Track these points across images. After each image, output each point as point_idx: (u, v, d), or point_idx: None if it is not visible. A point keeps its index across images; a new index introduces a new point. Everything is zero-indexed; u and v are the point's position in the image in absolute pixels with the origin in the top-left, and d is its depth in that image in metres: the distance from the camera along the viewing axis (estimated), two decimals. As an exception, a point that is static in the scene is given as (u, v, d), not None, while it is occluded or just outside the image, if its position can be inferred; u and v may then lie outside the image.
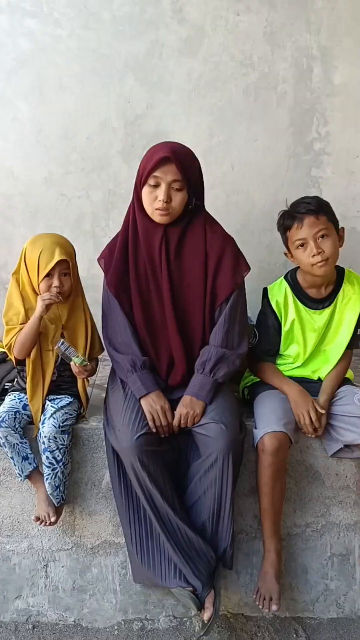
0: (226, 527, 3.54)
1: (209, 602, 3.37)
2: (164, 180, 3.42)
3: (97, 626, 3.82)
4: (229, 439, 3.38)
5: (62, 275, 3.64)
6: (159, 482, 3.42)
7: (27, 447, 3.66)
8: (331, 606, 3.92)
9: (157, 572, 3.52)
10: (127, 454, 3.37)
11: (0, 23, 4.92)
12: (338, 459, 3.84)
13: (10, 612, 3.87)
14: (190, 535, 3.46)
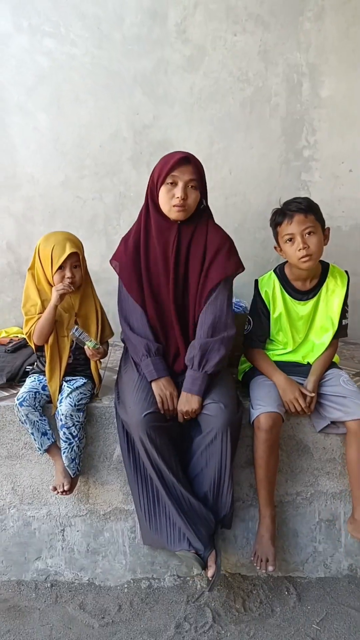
0: (226, 495, 3.54)
1: (212, 561, 3.37)
2: (181, 179, 3.43)
3: (108, 584, 3.81)
4: (227, 417, 3.39)
5: (73, 267, 3.64)
6: (165, 455, 3.41)
7: (46, 423, 3.66)
8: (319, 566, 3.90)
9: (163, 536, 3.53)
10: (136, 429, 3.36)
11: (22, 43, 4.88)
12: (325, 434, 3.82)
13: (30, 572, 3.86)
14: (193, 502, 3.46)
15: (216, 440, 3.42)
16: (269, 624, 3.43)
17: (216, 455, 3.45)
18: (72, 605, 3.61)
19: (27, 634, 3.36)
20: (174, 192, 3.44)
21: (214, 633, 3.35)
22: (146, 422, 3.34)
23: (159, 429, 3.40)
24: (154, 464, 3.43)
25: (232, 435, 3.43)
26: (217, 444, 3.42)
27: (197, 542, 3.39)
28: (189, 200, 3.47)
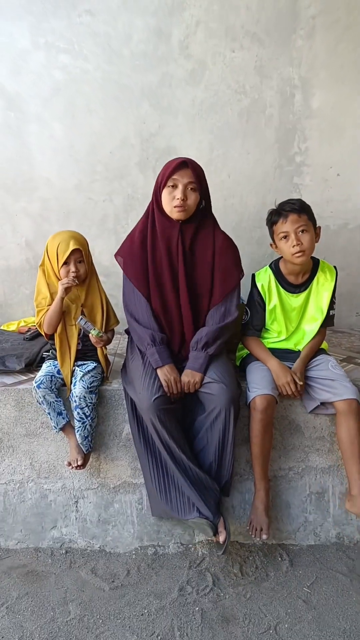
0: (228, 466, 3.59)
1: (222, 527, 3.43)
2: (181, 182, 3.46)
3: (118, 551, 3.79)
4: (229, 395, 3.42)
5: (78, 262, 3.69)
6: (174, 434, 3.45)
7: (61, 404, 3.67)
8: (309, 535, 3.88)
9: (174, 507, 3.57)
10: (147, 412, 3.39)
11: (39, 58, 4.86)
12: (315, 415, 3.83)
13: (47, 540, 3.85)
14: (200, 474, 3.50)
15: (220, 417, 3.45)
16: (264, 587, 3.43)
17: (220, 429, 3.49)
18: (85, 570, 3.60)
19: (43, 596, 3.35)
20: (175, 194, 3.48)
21: (214, 595, 3.35)
22: (156, 406, 3.37)
23: (168, 411, 3.43)
24: (164, 442, 3.46)
25: (234, 412, 3.46)
26: (221, 419, 3.46)
27: (207, 510, 3.44)
28: (189, 201, 3.49)
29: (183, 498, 3.55)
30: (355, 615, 3.20)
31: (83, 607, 3.27)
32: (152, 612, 3.23)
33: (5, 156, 4.98)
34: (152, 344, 3.58)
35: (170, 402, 3.49)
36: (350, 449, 3.53)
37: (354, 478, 3.53)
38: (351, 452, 3.53)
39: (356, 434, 3.51)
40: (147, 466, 3.62)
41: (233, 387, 3.49)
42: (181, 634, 3.07)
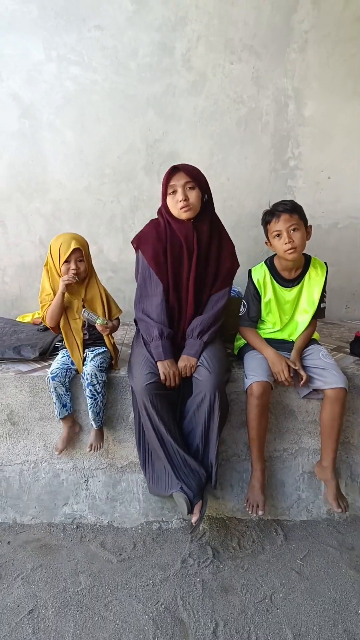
0: (213, 449, 3.59)
1: (197, 509, 3.45)
2: (178, 185, 3.50)
3: (125, 526, 3.81)
4: (215, 382, 3.45)
5: (78, 261, 3.70)
6: (164, 418, 3.48)
7: (69, 398, 3.74)
8: (302, 511, 3.90)
9: (161, 485, 3.62)
10: (140, 395, 3.44)
11: (52, 70, 4.85)
12: (307, 400, 3.83)
13: (59, 516, 3.87)
14: (187, 458, 3.52)
15: (205, 401, 3.48)
16: (260, 560, 3.45)
17: (205, 412, 3.51)
18: (95, 544, 3.63)
19: (56, 568, 3.38)
20: (177, 197, 3.52)
21: (214, 567, 3.38)
22: (149, 390, 3.41)
23: (160, 396, 3.47)
24: (154, 425, 3.48)
25: (220, 397, 3.48)
26: (206, 403, 3.48)
27: (188, 489, 3.46)
28: (191, 200, 3.53)
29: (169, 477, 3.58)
30: (345, 585, 3.23)
31: (93, 578, 3.30)
32: (157, 582, 3.26)
33: (21, 161, 4.98)
34: (158, 337, 3.60)
35: (164, 388, 3.53)
36: (328, 430, 3.62)
37: (326, 452, 3.66)
38: (329, 433, 3.62)
39: (337, 417, 3.58)
40: (140, 448, 3.69)
41: (219, 373, 3.53)
42: (183, 602, 3.10)
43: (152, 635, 2.90)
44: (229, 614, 3.03)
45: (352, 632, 2.91)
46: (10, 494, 3.91)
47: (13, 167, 5.07)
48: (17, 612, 3.06)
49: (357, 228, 5.15)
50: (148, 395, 3.41)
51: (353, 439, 3.91)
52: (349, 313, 5.46)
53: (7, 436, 3.89)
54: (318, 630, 2.93)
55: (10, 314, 5.38)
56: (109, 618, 3.00)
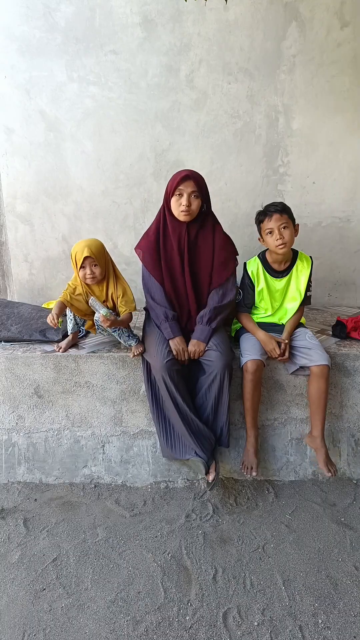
0: (222, 417, 3.64)
1: (212, 469, 3.50)
2: (185, 192, 3.47)
3: (137, 485, 3.80)
4: (224, 362, 3.48)
5: (93, 266, 3.65)
6: (180, 390, 3.50)
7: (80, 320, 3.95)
8: (291, 472, 3.87)
9: (177, 450, 3.65)
10: (160, 371, 3.44)
11: (73, 89, 4.80)
12: (295, 376, 3.84)
13: (79, 476, 3.85)
14: (200, 425, 3.55)
15: (216, 379, 3.50)
16: (254, 515, 3.45)
17: (216, 389, 3.54)
18: (110, 501, 3.62)
19: (76, 522, 3.39)
20: (181, 201, 3.49)
21: (214, 521, 3.38)
22: (168, 366, 3.43)
23: (176, 372, 3.48)
24: (172, 396, 3.49)
25: (228, 375, 3.52)
26: (217, 381, 3.51)
27: (202, 453, 3.50)
28: (192, 207, 3.51)
29: (184, 443, 3.61)
30: (328, 537, 3.24)
31: (108, 530, 3.31)
32: (164, 534, 3.26)
33: (46, 168, 4.93)
34: (165, 320, 3.61)
35: (179, 364, 3.53)
36: (316, 402, 3.64)
37: (315, 424, 3.68)
38: (317, 405, 3.64)
39: (323, 392, 3.62)
40: (156, 418, 3.70)
41: (228, 354, 3.53)
42: (187, 552, 3.11)
43: (160, 580, 2.90)
44: (227, 561, 3.03)
45: (334, 577, 2.92)
46: (37, 458, 3.89)
47: (40, 173, 5.03)
48: (42, 560, 3.06)
49: (338, 226, 5.11)
50: (167, 370, 3.43)
51: (335, 409, 3.89)
52: (331, 300, 5.42)
53: (34, 407, 3.87)
54: (304, 576, 2.93)
55: (37, 301, 5.35)
56: (122, 565, 3.01)
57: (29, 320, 4.29)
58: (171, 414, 3.60)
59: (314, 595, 2.82)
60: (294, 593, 2.82)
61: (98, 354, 3.83)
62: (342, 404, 3.90)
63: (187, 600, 2.78)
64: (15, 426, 3.92)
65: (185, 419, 3.54)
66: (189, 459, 3.60)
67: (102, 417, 3.88)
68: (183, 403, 3.51)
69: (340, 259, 5.31)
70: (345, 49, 4.76)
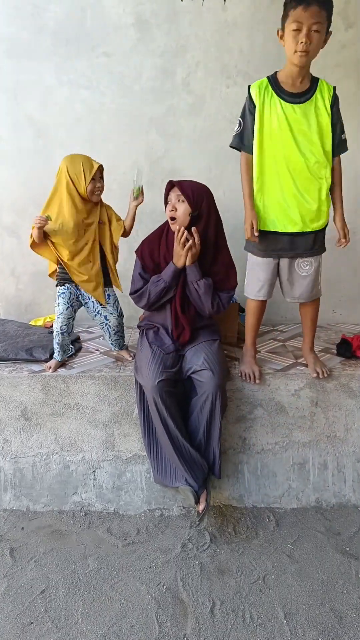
0: (215, 443, 3.63)
1: (203, 498, 3.49)
2: (172, 198, 3.57)
3: (129, 513, 3.82)
4: (216, 382, 3.50)
5: (100, 179, 3.78)
6: (172, 413, 3.50)
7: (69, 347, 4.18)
8: (293, 499, 3.91)
9: (167, 477, 3.67)
10: (151, 392, 3.44)
11: (63, 93, 4.89)
12: (297, 397, 3.87)
13: (69, 504, 3.88)
14: (192, 451, 3.54)
15: (208, 400, 3.51)
16: (254, 544, 3.47)
17: (208, 411, 3.54)
18: (101, 530, 3.64)
19: (66, 552, 3.41)
20: (168, 208, 3.60)
21: (211, 551, 3.40)
22: (160, 387, 3.42)
23: (169, 393, 3.48)
24: (163, 419, 3.50)
25: (220, 396, 3.53)
26: (209, 403, 3.52)
27: (193, 481, 3.49)
28: (179, 212, 3.54)
29: (175, 470, 3.61)
30: (332, 567, 3.26)
31: (100, 561, 3.33)
32: (159, 565, 3.28)
33: (35, 176, 4.98)
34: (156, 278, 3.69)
35: (172, 385, 3.54)
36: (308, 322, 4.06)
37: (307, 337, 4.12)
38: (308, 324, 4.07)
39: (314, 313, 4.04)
40: (147, 443, 3.70)
41: (221, 375, 3.55)
42: (183, 583, 3.12)
43: (154, 614, 2.92)
44: (225, 594, 3.05)
45: (338, 611, 2.93)
46: (24, 484, 3.92)
47: (28, 182, 5.10)
48: (30, 592, 3.08)
49: (343, 238, 5.16)
50: (158, 392, 3.42)
51: (339, 432, 3.93)
52: (335, 317, 5.46)
53: (21, 430, 3.91)
54: (307, 609, 2.95)
55: (24, 318, 5.37)
56: (114, 598, 3.03)
57: (15, 338, 4.34)
58: (161, 438, 3.60)
59: (317, 629, 2.84)
60: (296, 627, 2.85)
61: (89, 374, 3.88)
62: (347, 427, 3.94)
63: (183, 634, 2.80)
64: (0, 450, 3.94)
65: (176, 444, 3.54)
66: (179, 487, 3.59)
67: (93, 441, 3.91)
68: (174, 427, 3.52)
69: (345, 273, 5.33)
70: (349, 51, 4.83)
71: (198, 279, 3.59)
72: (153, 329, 3.91)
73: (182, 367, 3.68)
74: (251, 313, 3.98)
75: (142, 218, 4.76)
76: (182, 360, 3.72)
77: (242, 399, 3.89)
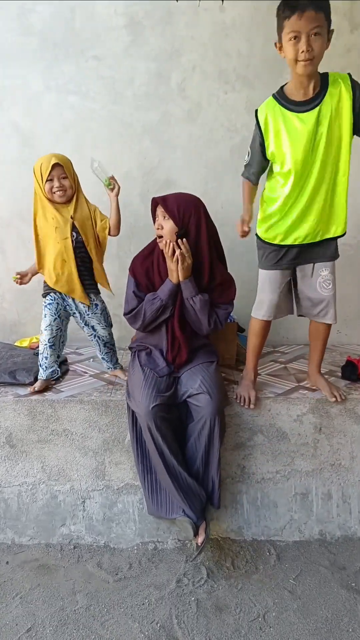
0: (214, 471, 3.63)
1: (202, 530, 3.49)
2: (159, 215, 3.62)
3: (121, 547, 3.83)
4: (214, 407, 3.50)
5: (61, 179, 3.81)
6: (167, 440, 3.49)
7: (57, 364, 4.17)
8: (295, 532, 3.92)
9: (163, 509, 3.65)
10: (144, 418, 3.43)
11: (51, 99, 4.93)
12: (300, 423, 3.88)
13: (57, 536, 3.89)
14: (189, 480, 3.54)
15: (205, 426, 3.51)
16: (254, 579, 3.48)
17: (206, 437, 3.54)
18: (91, 564, 3.66)
19: (54, 588, 3.42)
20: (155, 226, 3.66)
21: (208, 587, 3.41)
22: (154, 412, 3.42)
23: (163, 419, 3.47)
24: (158, 447, 3.49)
25: (218, 421, 3.53)
26: (207, 429, 3.52)
27: (191, 512, 3.49)
28: (165, 229, 3.57)
29: (172, 500, 3.60)
30: (337, 604, 3.27)
31: (90, 597, 3.34)
32: (152, 601, 3.29)
33: (21, 187, 5.00)
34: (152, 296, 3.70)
35: (167, 410, 3.54)
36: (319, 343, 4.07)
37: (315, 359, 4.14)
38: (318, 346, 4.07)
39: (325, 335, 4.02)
40: (141, 471, 3.68)
41: (219, 399, 3.56)
42: (179, 621, 3.13)
43: (147, 654, 2.93)
44: (223, 632, 3.07)
45: (343, 650, 2.95)
46: (9, 515, 3.94)
47: (13, 194, 5.13)
48: (15, 630, 3.09)
49: (349, 254, 5.14)
50: (152, 418, 3.42)
51: (344, 461, 3.95)
52: (340, 337, 5.48)
53: (5, 458, 3.92)
54: (310, 649, 2.96)
55: (9, 339, 5.39)
56: (105, 636, 3.04)
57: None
58: (157, 466, 3.59)
59: (320, 669, 2.86)
60: (298, 667, 2.87)
61: (78, 398, 3.90)
62: (353, 455, 3.96)
63: (178, 675, 2.82)
64: (-17, 480, 3.95)
65: (173, 473, 3.53)
66: (176, 518, 3.58)
67: (82, 470, 3.91)
68: (170, 455, 3.51)
69: (350, 291, 5.33)
70: (355, 55, 4.88)
71: (193, 295, 3.62)
72: (146, 350, 3.94)
73: (177, 391, 3.69)
74: (255, 334, 4.00)
75: (136, 232, 4.81)
76: (177, 383, 3.74)
77: (241, 424, 3.91)
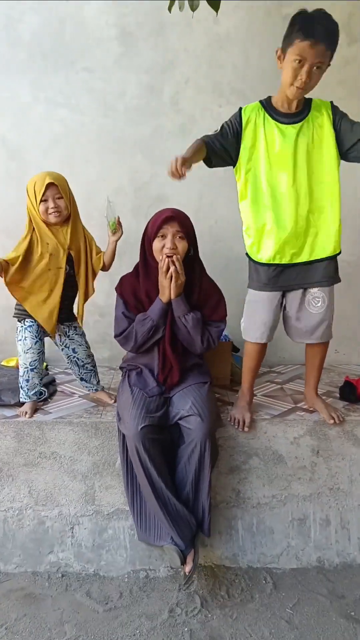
0: (204, 499, 3.61)
1: (190, 559, 3.46)
2: (169, 232, 3.56)
3: (111, 575, 3.81)
4: (206, 429, 3.48)
5: (56, 199, 3.75)
6: (155, 462, 3.48)
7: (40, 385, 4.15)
8: (292, 559, 3.91)
9: (151, 535, 3.64)
10: (132, 440, 3.43)
11: (39, 112, 4.96)
12: (297, 446, 3.89)
13: (44, 564, 3.87)
14: (178, 505, 3.53)
15: (196, 449, 3.49)
16: (249, 609, 3.47)
17: (196, 460, 3.52)
18: (80, 593, 3.64)
19: (41, 618, 3.39)
20: (164, 243, 3.58)
21: (202, 616, 3.39)
22: (142, 434, 3.40)
23: (152, 441, 3.46)
24: (146, 469, 3.48)
25: (210, 445, 3.51)
26: (197, 452, 3.50)
27: (179, 540, 3.46)
28: (179, 248, 3.58)
29: (160, 526, 3.59)
30: (335, 634, 3.26)
31: (78, 627, 3.31)
32: (144, 632, 3.27)
33: (7, 203, 5.04)
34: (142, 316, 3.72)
35: (157, 431, 3.54)
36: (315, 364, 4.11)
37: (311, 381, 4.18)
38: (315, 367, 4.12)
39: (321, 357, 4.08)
40: (130, 496, 3.68)
41: (210, 421, 3.55)
42: (171, 653, 3.08)
43: None
44: (217, 664, 3.04)
45: None
46: (-6, 542, 3.93)
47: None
48: (0, 662, 3.06)
49: (346, 272, 5.09)
50: (141, 439, 3.41)
51: (343, 485, 3.96)
52: (338, 357, 5.50)
53: (-9, 482, 3.92)
54: None
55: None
56: (94, 669, 3.02)
57: (-18, 380, 4.37)
58: (144, 490, 3.59)
59: None
60: None
61: (67, 420, 3.91)
62: (352, 478, 3.97)
63: None
64: (-32, 505, 3.95)
65: (160, 498, 3.52)
66: (164, 545, 3.55)
67: (71, 494, 3.91)
68: (158, 478, 3.49)
69: (348, 309, 5.35)
70: (353, 68, 4.93)
71: (185, 313, 3.65)
72: (136, 370, 3.95)
73: (168, 412, 3.70)
74: (250, 357, 4.02)
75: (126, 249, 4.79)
76: (169, 404, 3.74)
77: (236, 447, 3.91)
